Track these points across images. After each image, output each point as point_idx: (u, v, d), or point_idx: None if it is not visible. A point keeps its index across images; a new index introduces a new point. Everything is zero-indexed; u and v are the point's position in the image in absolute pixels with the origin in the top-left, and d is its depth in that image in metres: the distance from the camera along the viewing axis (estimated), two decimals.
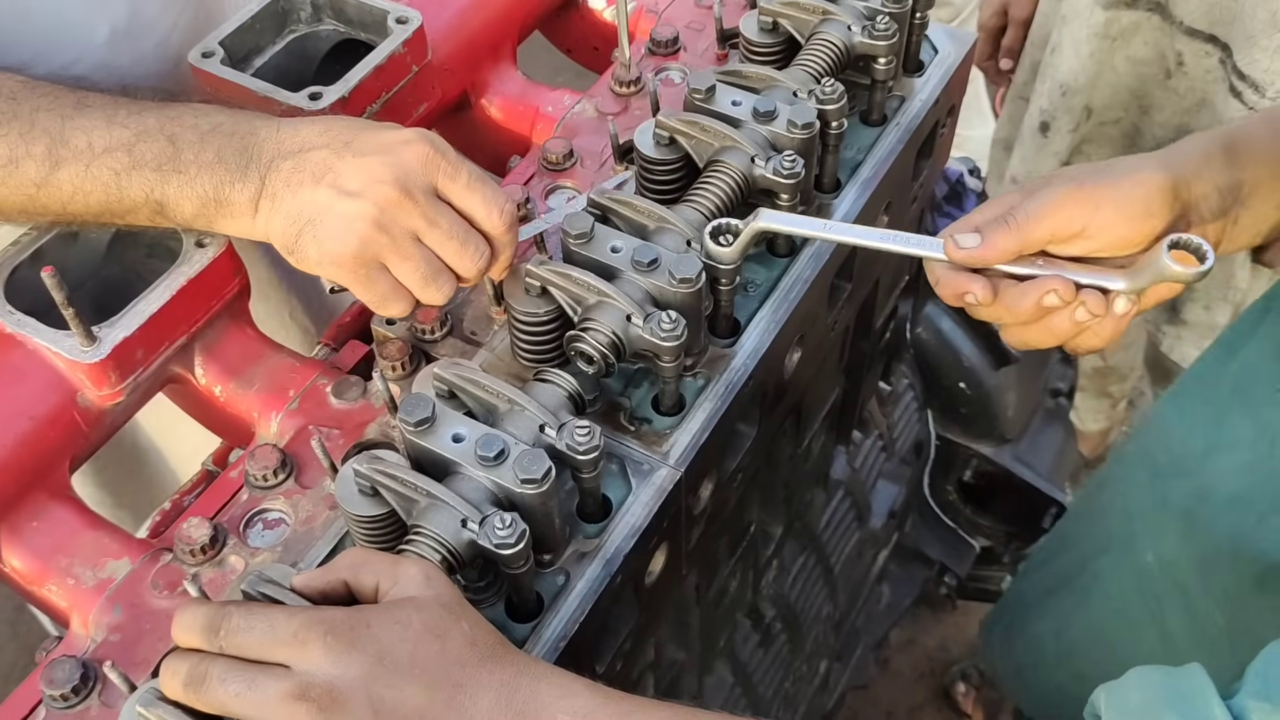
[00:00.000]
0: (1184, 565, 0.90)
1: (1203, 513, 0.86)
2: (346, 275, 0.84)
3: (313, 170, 0.82)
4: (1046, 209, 0.80)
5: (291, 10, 1.07)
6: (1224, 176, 0.82)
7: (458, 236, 0.84)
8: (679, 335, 0.84)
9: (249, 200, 0.84)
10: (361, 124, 0.87)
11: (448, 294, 0.86)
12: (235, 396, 0.95)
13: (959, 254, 0.83)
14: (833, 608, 1.54)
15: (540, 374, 0.86)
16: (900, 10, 1.07)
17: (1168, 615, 0.96)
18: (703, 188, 0.96)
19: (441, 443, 0.79)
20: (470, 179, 0.85)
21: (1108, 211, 0.78)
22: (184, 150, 0.84)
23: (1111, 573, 1.04)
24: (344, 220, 0.82)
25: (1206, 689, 0.55)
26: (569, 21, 1.31)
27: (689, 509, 0.93)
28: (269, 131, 0.86)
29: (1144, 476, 0.97)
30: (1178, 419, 0.95)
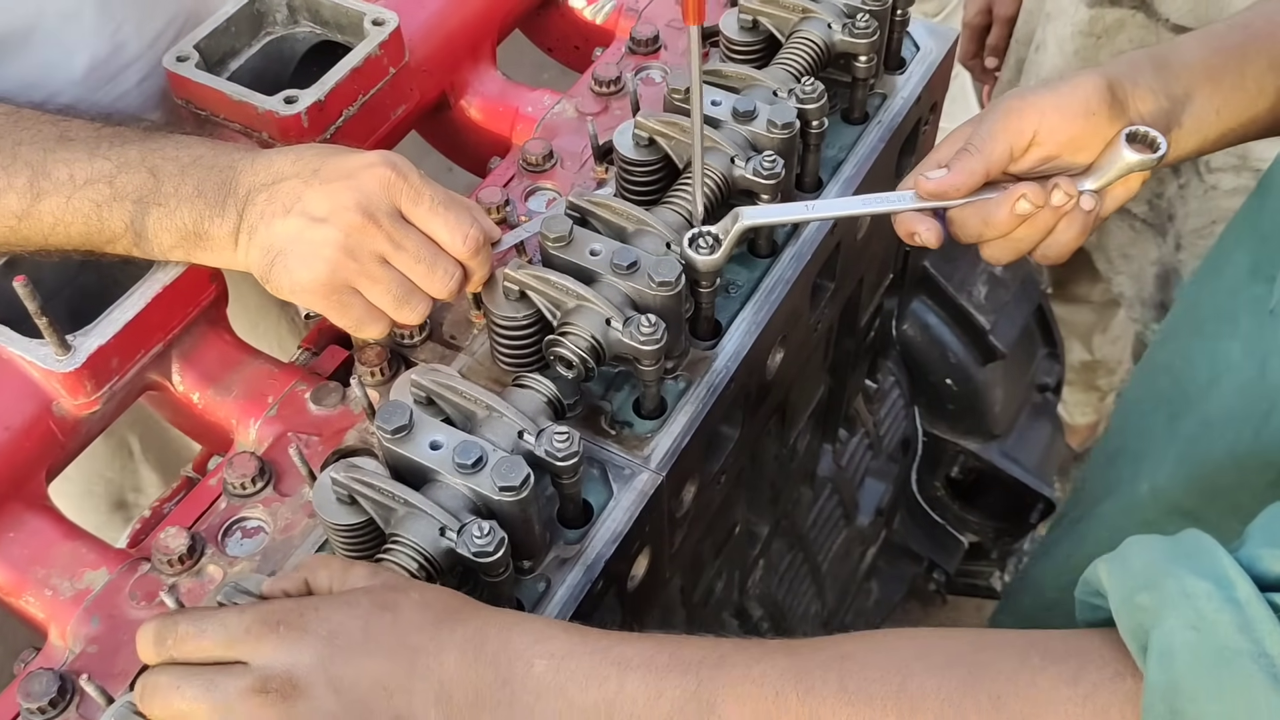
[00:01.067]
0: (1179, 489, 0.91)
1: (1204, 437, 0.88)
2: (320, 302, 0.84)
3: (283, 201, 0.83)
4: (998, 126, 0.86)
5: (267, 12, 1.07)
6: (1155, 79, 0.88)
7: (425, 259, 0.84)
8: (659, 339, 0.84)
9: (229, 235, 0.84)
10: (331, 150, 0.86)
11: (422, 313, 0.86)
12: (213, 404, 0.95)
13: (930, 186, 0.87)
14: (820, 606, 1.53)
15: (519, 379, 0.85)
16: (881, 8, 1.06)
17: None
18: (682, 189, 0.95)
19: (419, 450, 0.78)
20: (433, 203, 0.84)
21: (1052, 115, 0.85)
22: (164, 182, 0.85)
23: (1108, 513, 1.05)
24: (311, 248, 0.82)
25: (1213, 545, 0.56)
26: (549, 20, 1.30)
27: (671, 512, 0.93)
28: (246, 164, 0.86)
29: (1160, 419, 0.99)
30: (1182, 357, 0.97)
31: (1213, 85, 0.87)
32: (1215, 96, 0.87)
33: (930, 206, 0.88)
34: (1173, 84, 0.86)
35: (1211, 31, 0.91)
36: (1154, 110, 0.85)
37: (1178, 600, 0.51)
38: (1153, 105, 0.85)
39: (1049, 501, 1.68)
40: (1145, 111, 0.85)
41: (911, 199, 0.88)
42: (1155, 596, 0.53)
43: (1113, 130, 0.84)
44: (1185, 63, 0.87)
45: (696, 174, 0.88)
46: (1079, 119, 0.83)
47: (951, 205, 0.87)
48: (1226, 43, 0.89)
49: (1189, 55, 0.88)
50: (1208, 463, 0.84)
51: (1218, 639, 0.50)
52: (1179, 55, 0.88)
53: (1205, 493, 0.85)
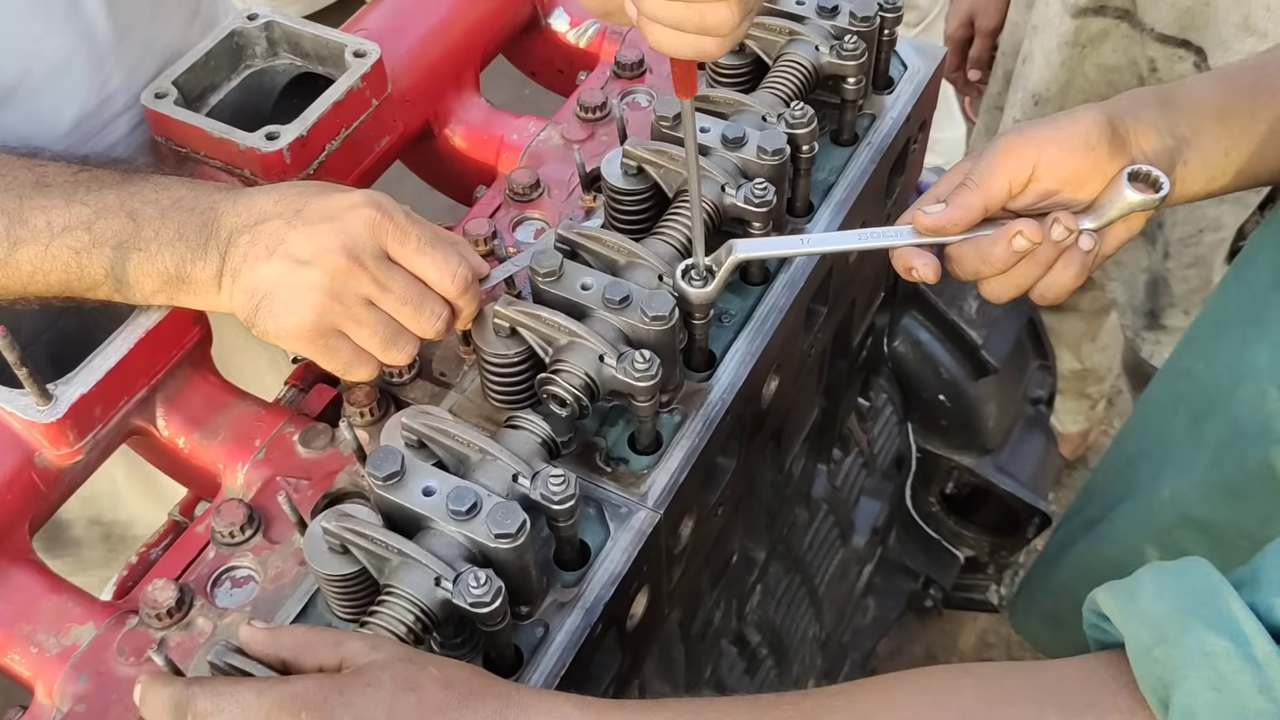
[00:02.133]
0: (1200, 496, 0.90)
1: (1236, 444, 0.87)
2: (306, 346, 0.82)
3: (266, 243, 0.81)
4: (998, 161, 0.85)
5: (246, 45, 1.05)
6: (1159, 117, 0.87)
7: (411, 301, 0.82)
8: (654, 375, 0.82)
9: (212, 278, 0.83)
10: (314, 190, 0.85)
11: (410, 354, 0.85)
12: (199, 448, 0.93)
13: (928, 221, 0.86)
14: (819, 628, 1.52)
15: (511, 419, 0.84)
16: (868, 29, 1.05)
17: (1186, 550, 0.95)
18: (673, 219, 0.94)
19: (412, 497, 0.76)
20: (419, 243, 0.83)
21: (1051, 149, 0.84)
22: (144, 227, 0.83)
23: (1127, 517, 1.04)
24: (296, 291, 0.80)
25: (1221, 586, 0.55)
26: (532, 44, 1.29)
27: (669, 549, 0.91)
28: (227, 205, 0.84)
29: (1181, 422, 0.98)
30: (1205, 361, 0.97)
31: (1221, 125, 0.85)
32: (1224, 137, 0.85)
33: (928, 242, 0.86)
34: (1178, 122, 0.85)
35: (1223, 72, 0.90)
36: (1157, 148, 0.84)
37: (1197, 659, 0.51)
38: (1155, 143, 0.84)
39: (1044, 515, 1.67)
40: (1148, 149, 0.84)
41: (909, 234, 0.87)
42: (1174, 653, 0.52)
43: (1113, 167, 0.83)
44: (1193, 101, 0.86)
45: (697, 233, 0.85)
46: (1078, 154, 0.82)
47: (949, 241, 0.86)
48: (1239, 83, 0.88)
49: (1197, 94, 0.87)
50: (1240, 471, 0.83)
51: (1239, 700, 0.50)
52: (1187, 94, 0.87)
53: (1231, 502, 0.84)
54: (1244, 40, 1.40)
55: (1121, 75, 1.58)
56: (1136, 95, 0.88)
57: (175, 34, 1.10)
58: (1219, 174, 0.86)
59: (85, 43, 0.99)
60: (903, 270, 0.88)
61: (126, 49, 1.03)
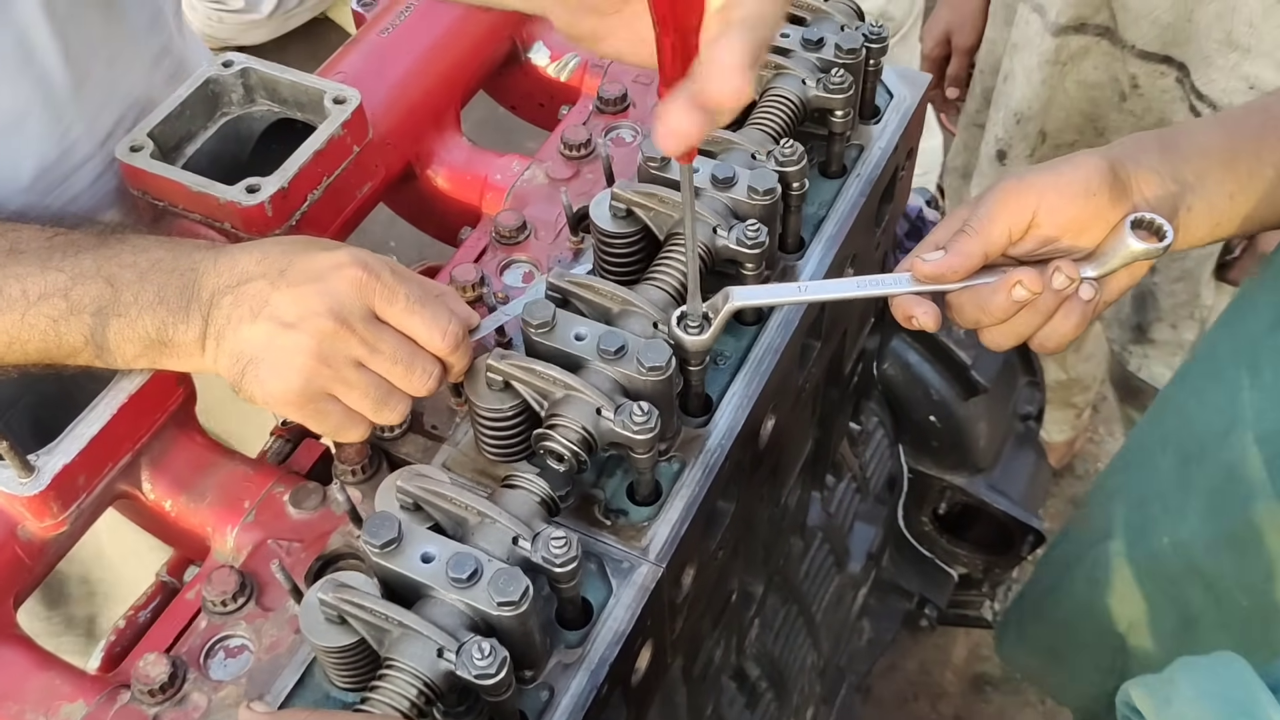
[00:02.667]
0: (1202, 547, 0.88)
1: (1233, 493, 0.86)
2: (295, 411, 0.80)
3: (250, 304, 0.79)
4: (997, 207, 0.83)
5: (222, 93, 1.03)
6: (1161, 162, 0.85)
7: (402, 361, 0.80)
8: (652, 427, 0.81)
9: (195, 341, 0.81)
10: (298, 247, 0.83)
11: (403, 413, 0.83)
12: (187, 511, 0.90)
13: (927, 269, 0.84)
14: (817, 656, 1.51)
15: (509, 479, 0.82)
16: (854, 61, 1.04)
17: (1189, 598, 0.94)
18: (666, 263, 0.92)
19: (410, 564, 0.74)
20: (408, 301, 0.81)
21: (1051, 196, 0.82)
22: (123, 291, 0.81)
23: (1116, 560, 1.03)
24: (283, 356, 0.78)
25: (1259, 693, 0.54)
26: (512, 79, 1.27)
27: (672, 600, 0.89)
28: (208, 264, 0.82)
29: (1169, 462, 0.96)
30: (1197, 401, 0.95)
31: (1226, 169, 0.84)
32: (1229, 181, 0.84)
33: (927, 290, 0.85)
34: (1181, 167, 0.83)
35: (1228, 115, 0.89)
36: (1159, 193, 0.82)
37: None
38: (1158, 188, 0.82)
39: (1039, 533, 1.66)
40: (1150, 194, 0.83)
41: (908, 281, 0.85)
42: None
43: (1115, 213, 0.81)
44: (1196, 145, 0.85)
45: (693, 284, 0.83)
46: (1079, 199, 0.80)
47: (949, 289, 0.84)
48: (1244, 126, 0.86)
49: (1201, 138, 0.85)
50: (1237, 520, 0.81)
51: None
52: (1190, 138, 0.86)
53: (1233, 555, 0.83)
54: (1227, 56, 1.40)
55: (1103, 92, 1.58)
56: (1138, 140, 0.87)
57: (138, 78, 1.07)
58: (1224, 219, 0.85)
59: (42, 93, 0.97)
60: (902, 319, 0.86)
61: (86, 97, 1.01)
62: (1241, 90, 1.41)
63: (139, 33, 1.08)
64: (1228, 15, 1.38)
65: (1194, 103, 1.47)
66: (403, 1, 1.15)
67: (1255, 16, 1.36)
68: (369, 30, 1.13)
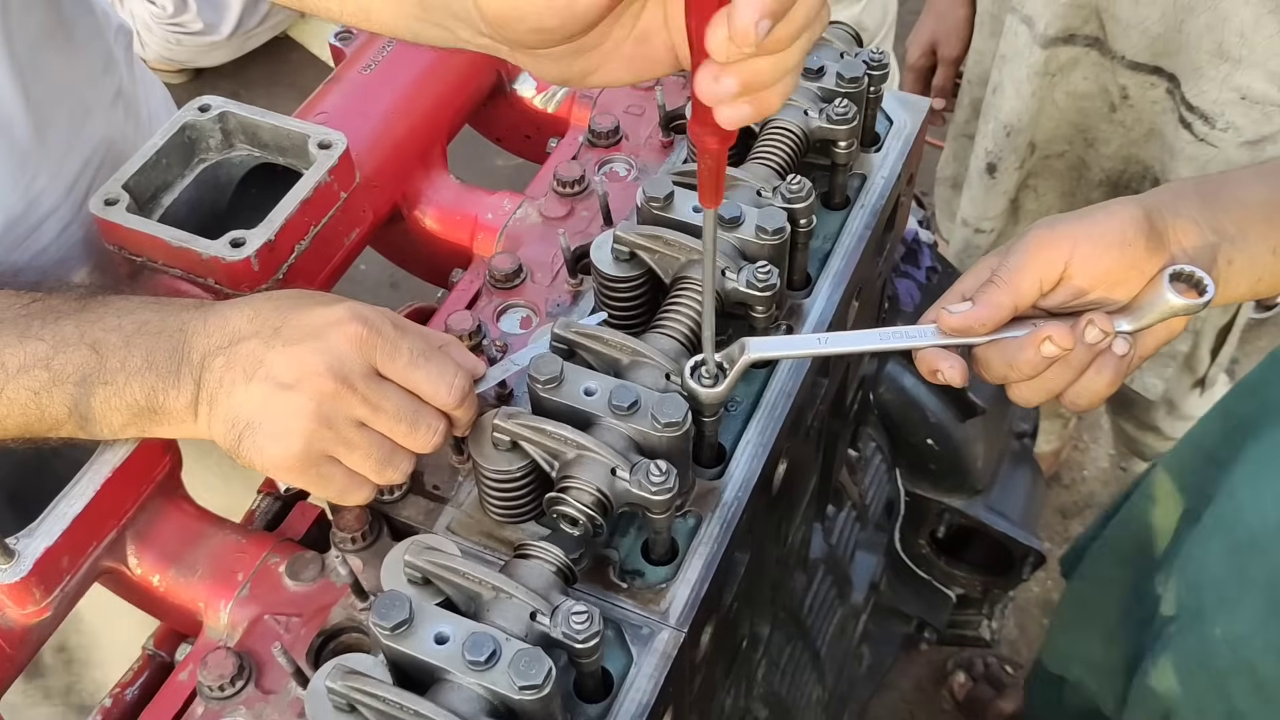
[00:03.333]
0: (1258, 643, 0.85)
1: None
2: (297, 477, 0.76)
3: (244, 366, 0.74)
4: (1027, 257, 0.79)
5: (199, 139, 0.98)
6: (1200, 212, 0.81)
7: (405, 419, 0.76)
8: (671, 487, 0.77)
9: (187, 407, 0.76)
10: (291, 303, 0.78)
11: (406, 471, 0.79)
12: (177, 585, 0.85)
13: (954, 321, 0.80)
14: (822, 690, 1.47)
15: (522, 548, 0.77)
16: (857, 90, 1.01)
17: (1234, 693, 0.91)
18: (675, 310, 0.89)
19: (423, 646, 0.70)
20: (411, 355, 0.77)
21: (1084, 246, 0.78)
22: (109, 358, 0.76)
23: (1177, 646, 0.99)
24: (282, 420, 0.74)
25: None
26: (498, 111, 1.23)
27: (691, 661, 0.86)
28: (198, 324, 0.77)
29: (1220, 549, 0.93)
30: (1253, 492, 0.91)
31: (1269, 224, 0.80)
32: (1272, 235, 0.80)
33: (953, 344, 0.80)
34: (1222, 218, 0.79)
35: (1270, 167, 0.84)
36: (1198, 244, 0.78)
37: None
38: (1196, 239, 0.78)
39: (1039, 554, 1.64)
40: (1188, 245, 0.78)
41: (933, 334, 0.80)
42: None
43: (1151, 264, 0.77)
44: (1238, 198, 0.81)
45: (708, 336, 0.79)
46: (1113, 249, 0.76)
47: (976, 342, 0.80)
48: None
49: (1243, 190, 0.81)
50: None
51: None
52: (1232, 189, 0.82)
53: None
54: (1218, 67, 1.38)
55: (1093, 103, 1.56)
56: (1176, 189, 0.83)
57: (100, 121, 1.03)
58: (1266, 274, 0.81)
59: (5, 143, 0.92)
60: (927, 373, 0.82)
61: (50, 145, 0.96)
62: (1233, 101, 1.40)
63: (95, 75, 1.04)
64: (1218, 26, 1.36)
65: (1184, 114, 1.45)
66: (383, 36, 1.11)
67: (1246, 27, 1.34)
68: (349, 67, 1.09)
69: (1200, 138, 1.42)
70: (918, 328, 0.82)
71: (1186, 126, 1.44)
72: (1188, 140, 1.44)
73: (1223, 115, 1.40)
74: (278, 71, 3.45)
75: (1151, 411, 1.84)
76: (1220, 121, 1.40)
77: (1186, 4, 1.37)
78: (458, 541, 0.84)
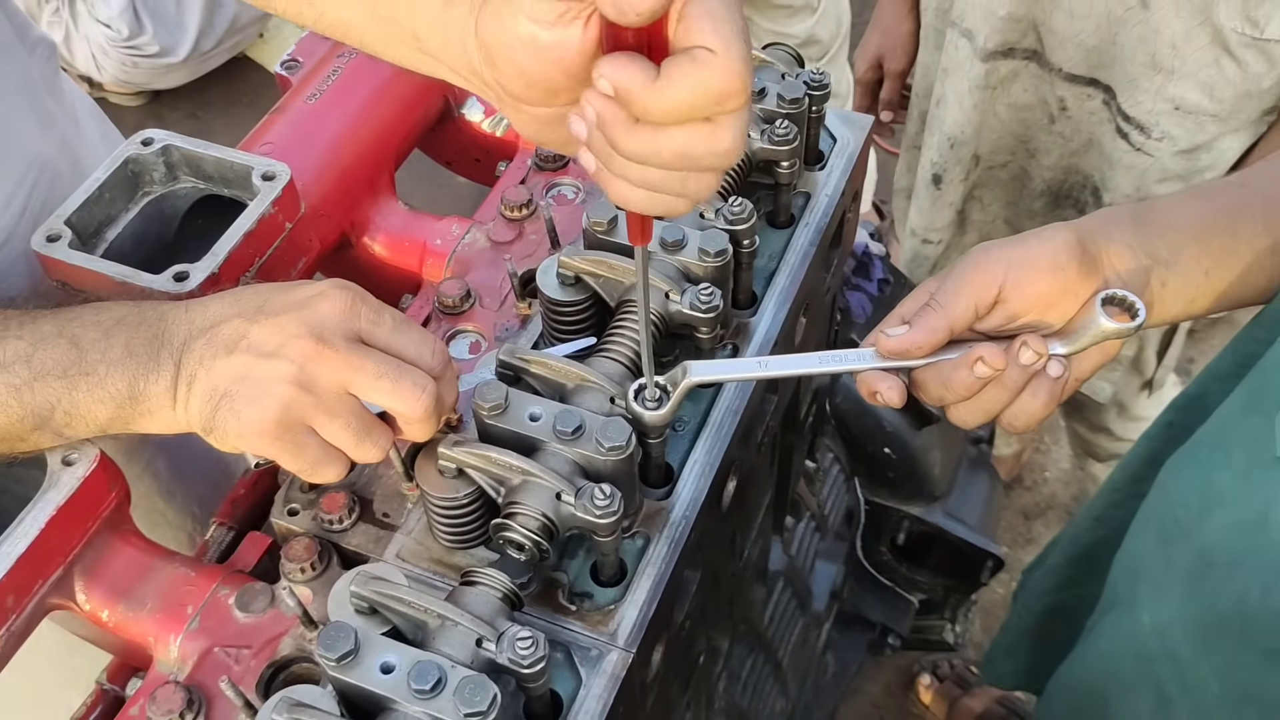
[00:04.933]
0: (1179, 630, 0.87)
1: (1209, 577, 0.83)
2: (270, 444, 0.75)
3: (225, 342, 0.75)
4: (963, 281, 0.81)
5: (142, 172, 0.98)
6: (1133, 236, 0.83)
7: (389, 374, 0.76)
8: (615, 510, 0.78)
9: (166, 390, 0.76)
10: (273, 287, 0.79)
11: (384, 448, 0.78)
12: (127, 620, 0.85)
13: (892, 344, 0.81)
14: (785, 701, 1.48)
15: (468, 574, 0.78)
16: (798, 110, 1.02)
17: (1163, 680, 0.93)
18: (619, 334, 0.90)
19: (369, 676, 0.70)
20: (395, 323, 0.78)
21: (1018, 270, 0.79)
22: (89, 351, 0.76)
23: (1110, 632, 1.01)
24: (261, 385, 0.74)
25: None
26: (446, 135, 1.23)
27: (641, 681, 0.86)
28: (178, 314, 0.78)
29: (1151, 539, 0.95)
30: (1174, 480, 0.93)
31: (1201, 245, 0.82)
32: (1204, 257, 0.82)
33: (892, 366, 0.82)
34: (1155, 241, 0.81)
35: (1202, 189, 0.87)
36: (1131, 268, 0.80)
37: None
38: (1130, 262, 0.80)
39: (998, 558, 1.65)
40: (1121, 269, 0.80)
41: (872, 357, 0.82)
42: None
43: (1084, 288, 0.78)
44: (1171, 221, 0.82)
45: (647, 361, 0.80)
46: (1046, 274, 0.78)
47: (914, 365, 0.82)
48: (1219, 201, 0.84)
49: (1175, 214, 0.83)
50: (1213, 611, 0.79)
51: None
52: (1163, 213, 0.83)
53: (1207, 640, 0.81)
54: (1151, 78, 1.41)
55: (1033, 114, 1.58)
56: (1109, 214, 0.84)
57: (22, 138, 1.01)
58: (1199, 295, 0.83)
59: None
60: (867, 394, 0.83)
61: None
62: (1167, 111, 1.42)
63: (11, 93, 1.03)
64: (1150, 38, 1.39)
65: (1120, 124, 1.47)
66: (329, 64, 1.11)
67: (1178, 39, 1.37)
68: (295, 96, 1.09)
69: (1137, 147, 1.45)
70: (857, 351, 0.83)
71: (1123, 136, 1.46)
72: (1125, 150, 1.46)
73: (1158, 125, 1.43)
74: (236, 92, 3.44)
75: (1102, 414, 1.87)
76: (1155, 131, 1.43)
77: (1120, 17, 1.40)
78: (407, 569, 0.85)
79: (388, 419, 0.79)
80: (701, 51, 0.54)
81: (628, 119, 0.57)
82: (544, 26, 0.58)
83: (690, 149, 0.57)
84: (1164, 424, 1.04)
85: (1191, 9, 1.34)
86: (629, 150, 0.58)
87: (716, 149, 0.58)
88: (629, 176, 0.60)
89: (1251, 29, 1.32)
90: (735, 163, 0.61)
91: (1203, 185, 0.88)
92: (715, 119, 0.57)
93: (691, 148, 0.57)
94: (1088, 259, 0.79)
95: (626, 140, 0.58)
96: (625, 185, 0.61)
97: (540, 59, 0.60)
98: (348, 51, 1.12)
